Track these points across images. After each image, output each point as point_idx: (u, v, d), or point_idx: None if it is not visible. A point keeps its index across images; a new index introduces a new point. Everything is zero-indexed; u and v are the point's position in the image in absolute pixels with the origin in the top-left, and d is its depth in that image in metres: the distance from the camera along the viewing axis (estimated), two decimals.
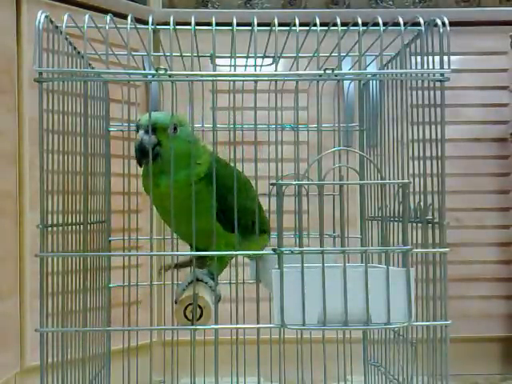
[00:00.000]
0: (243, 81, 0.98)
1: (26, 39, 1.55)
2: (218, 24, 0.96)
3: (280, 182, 0.92)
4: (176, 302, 0.98)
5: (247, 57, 1.18)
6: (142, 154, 0.97)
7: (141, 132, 0.98)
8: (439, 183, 0.96)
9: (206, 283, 1.03)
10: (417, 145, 1.00)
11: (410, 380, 1.04)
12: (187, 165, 0.99)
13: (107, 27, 0.92)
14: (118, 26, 0.99)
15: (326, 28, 1.01)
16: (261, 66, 1.17)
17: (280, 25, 0.95)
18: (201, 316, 0.93)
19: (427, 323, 0.97)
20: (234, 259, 1.21)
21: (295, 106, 1.02)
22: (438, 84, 0.95)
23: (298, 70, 0.99)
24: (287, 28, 1.01)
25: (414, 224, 1.00)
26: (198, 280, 1.01)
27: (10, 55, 1.52)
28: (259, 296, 0.98)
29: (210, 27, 0.95)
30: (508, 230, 1.87)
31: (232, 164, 1.06)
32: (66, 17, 0.94)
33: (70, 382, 1.00)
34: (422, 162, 0.98)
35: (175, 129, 1.00)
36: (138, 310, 1.21)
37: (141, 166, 0.99)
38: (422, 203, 0.99)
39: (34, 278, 1.46)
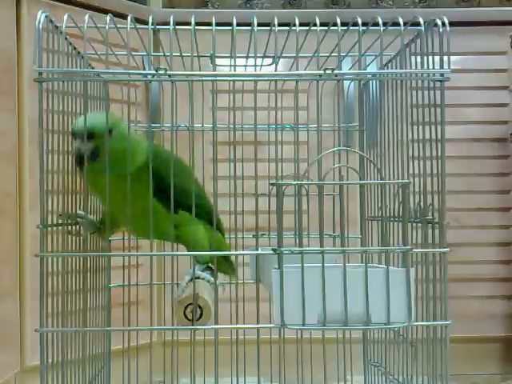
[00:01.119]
0: (243, 81, 0.98)
1: (26, 39, 1.54)
2: (217, 24, 0.96)
3: (280, 182, 0.92)
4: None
5: (247, 57, 1.18)
6: (80, 161, 0.96)
7: (78, 141, 0.96)
8: (439, 183, 0.96)
9: (208, 281, 1.03)
10: (417, 145, 1.00)
11: (410, 380, 1.04)
12: (126, 159, 0.97)
13: (107, 27, 0.92)
14: (118, 26, 0.99)
15: (326, 28, 1.01)
16: (261, 66, 1.17)
17: (280, 25, 0.95)
18: (201, 316, 0.93)
19: (427, 323, 0.97)
20: (232, 257, 1.21)
21: (295, 105, 1.02)
22: (437, 84, 0.95)
23: (297, 70, 0.99)
24: (287, 28, 1.01)
25: (414, 224, 1.00)
26: (196, 278, 1.01)
27: (10, 55, 1.52)
28: (259, 296, 0.98)
29: (210, 27, 0.95)
30: (508, 230, 1.87)
31: (231, 164, 1.06)
32: (65, 17, 0.94)
33: (69, 382, 1.00)
34: (421, 162, 0.98)
35: (110, 131, 0.99)
36: (138, 310, 1.21)
37: (81, 169, 0.98)
38: (422, 203, 0.99)
39: (34, 278, 1.46)
